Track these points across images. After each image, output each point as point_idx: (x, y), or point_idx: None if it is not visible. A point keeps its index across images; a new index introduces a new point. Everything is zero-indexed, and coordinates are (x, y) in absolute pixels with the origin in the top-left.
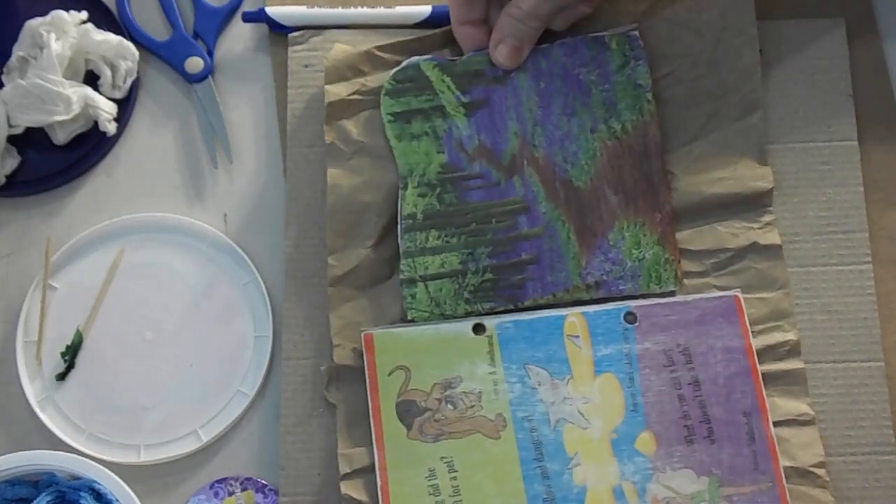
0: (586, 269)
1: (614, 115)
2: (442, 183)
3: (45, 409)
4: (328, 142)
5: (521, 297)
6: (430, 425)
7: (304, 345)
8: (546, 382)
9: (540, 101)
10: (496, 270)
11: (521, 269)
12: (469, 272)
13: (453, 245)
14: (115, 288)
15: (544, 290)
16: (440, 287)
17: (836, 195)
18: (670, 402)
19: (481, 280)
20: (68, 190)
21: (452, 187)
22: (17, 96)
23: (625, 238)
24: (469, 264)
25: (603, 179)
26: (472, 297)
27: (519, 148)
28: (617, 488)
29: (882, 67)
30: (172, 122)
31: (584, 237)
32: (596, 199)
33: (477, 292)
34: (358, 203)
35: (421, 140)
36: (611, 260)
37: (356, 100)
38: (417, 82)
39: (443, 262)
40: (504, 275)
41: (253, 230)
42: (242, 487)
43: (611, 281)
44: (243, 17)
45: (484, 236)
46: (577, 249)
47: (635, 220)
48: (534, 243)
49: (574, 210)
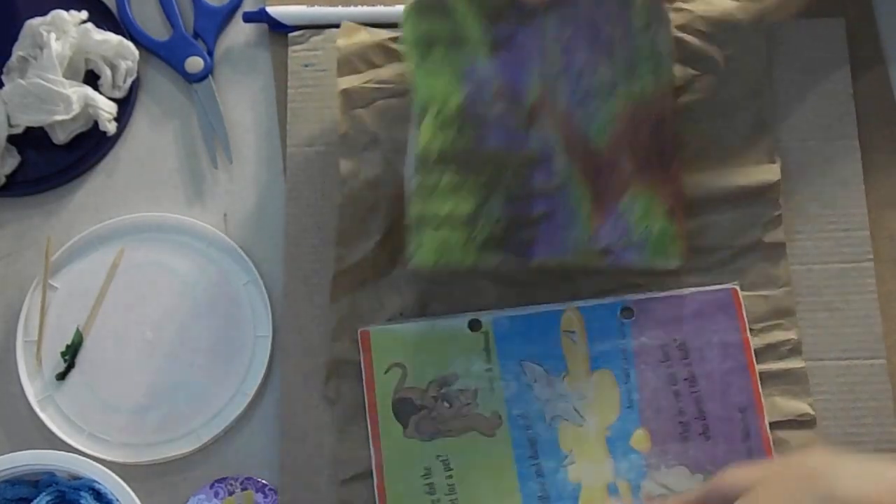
0: (597, 233)
1: (634, 77)
2: (461, 121)
3: (45, 409)
4: (341, 132)
5: (529, 255)
6: (426, 423)
7: (304, 344)
8: (542, 379)
9: (564, 51)
10: (508, 223)
11: (533, 226)
12: (480, 221)
13: (467, 190)
14: (115, 288)
15: (553, 251)
16: (449, 234)
17: (836, 194)
18: (666, 399)
19: (491, 232)
20: (68, 190)
21: (471, 128)
22: (17, 96)
23: (635, 207)
24: (481, 213)
25: (620, 143)
26: (480, 249)
27: (540, 97)
28: (611, 486)
29: (882, 67)
30: (172, 121)
31: (597, 200)
32: (611, 163)
33: (486, 244)
34: (370, 197)
35: (442, 71)
36: (620, 228)
37: (371, 88)
38: (442, 11)
39: (454, 207)
40: (515, 229)
41: (253, 230)
42: (242, 487)
43: (618, 249)
44: (244, 17)
45: (498, 186)
46: (590, 212)
47: (646, 191)
48: (548, 200)
49: (590, 171)
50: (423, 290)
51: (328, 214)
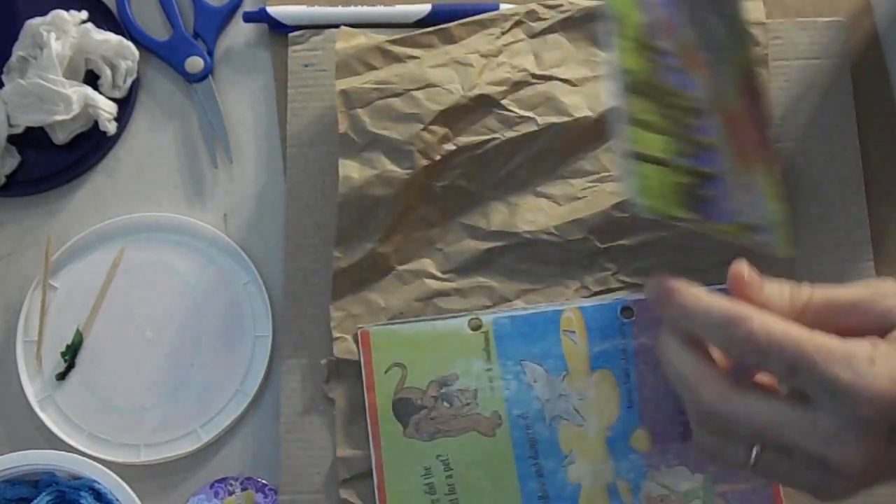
0: (744, 206)
1: (736, 45)
2: (645, 47)
3: (45, 409)
4: (341, 132)
5: (708, 216)
6: (426, 423)
7: (304, 344)
8: (542, 379)
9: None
10: (693, 175)
11: (709, 183)
12: (676, 167)
13: (662, 128)
14: (115, 288)
15: (723, 217)
16: (661, 175)
17: (836, 194)
18: (665, 399)
19: (685, 181)
20: (68, 190)
21: (653, 57)
22: (17, 96)
23: (761, 184)
24: (675, 157)
25: (744, 109)
26: (679, 198)
27: (689, 40)
28: (611, 486)
29: (882, 67)
30: (172, 121)
31: (739, 168)
32: (743, 130)
33: (685, 195)
34: (369, 197)
35: None
36: (757, 204)
37: (370, 88)
38: None
39: (657, 146)
40: (699, 183)
41: (253, 230)
42: (242, 487)
43: (759, 227)
44: (244, 17)
45: (680, 130)
46: (738, 180)
47: (764, 168)
48: (713, 157)
49: (732, 134)
50: (423, 289)
51: (328, 214)
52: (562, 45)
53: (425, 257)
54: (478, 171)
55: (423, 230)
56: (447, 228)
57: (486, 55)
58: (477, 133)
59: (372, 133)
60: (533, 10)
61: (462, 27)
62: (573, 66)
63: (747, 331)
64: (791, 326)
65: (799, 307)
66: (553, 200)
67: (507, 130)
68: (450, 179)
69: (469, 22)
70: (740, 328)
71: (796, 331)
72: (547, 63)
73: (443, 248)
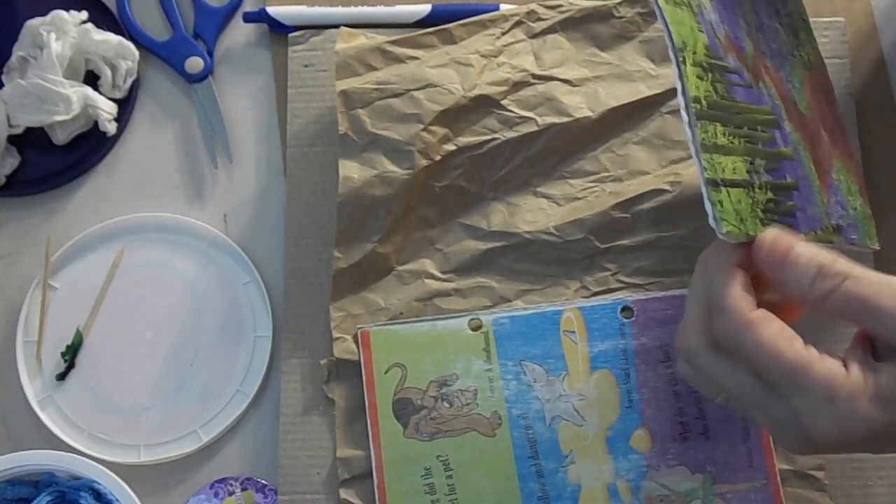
0: (827, 208)
1: (799, 43)
2: (711, 69)
3: (45, 409)
4: (341, 132)
5: (798, 227)
6: (426, 423)
7: (304, 344)
8: (542, 379)
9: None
10: (773, 189)
11: (790, 194)
12: (755, 185)
13: (737, 149)
14: (115, 288)
15: (807, 226)
16: (739, 197)
17: None
18: (665, 399)
19: (764, 198)
20: (68, 190)
21: (720, 77)
22: (17, 96)
23: (842, 181)
24: (753, 176)
25: (814, 110)
26: (764, 217)
27: (753, 51)
28: (611, 486)
29: (882, 67)
30: (172, 122)
31: (819, 171)
32: (816, 131)
33: (766, 213)
34: (369, 197)
35: (683, 9)
36: (839, 203)
37: (370, 88)
38: None
39: (734, 168)
40: (779, 197)
41: (253, 230)
42: (242, 487)
43: (845, 227)
44: (244, 17)
45: (756, 145)
46: (818, 183)
47: (843, 164)
48: (792, 165)
49: (807, 137)
50: (423, 290)
51: (328, 214)
52: (562, 46)
53: (425, 257)
54: (478, 172)
55: (423, 230)
56: (447, 229)
57: (486, 55)
58: (477, 133)
59: (372, 133)
60: (533, 10)
61: (462, 27)
62: (573, 66)
63: None
64: (782, 338)
65: (822, 292)
66: (553, 200)
67: (507, 131)
68: (450, 180)
69: (469, 22)
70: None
71: (784, 345)
72: (547, 63)
73: (443, 248)
